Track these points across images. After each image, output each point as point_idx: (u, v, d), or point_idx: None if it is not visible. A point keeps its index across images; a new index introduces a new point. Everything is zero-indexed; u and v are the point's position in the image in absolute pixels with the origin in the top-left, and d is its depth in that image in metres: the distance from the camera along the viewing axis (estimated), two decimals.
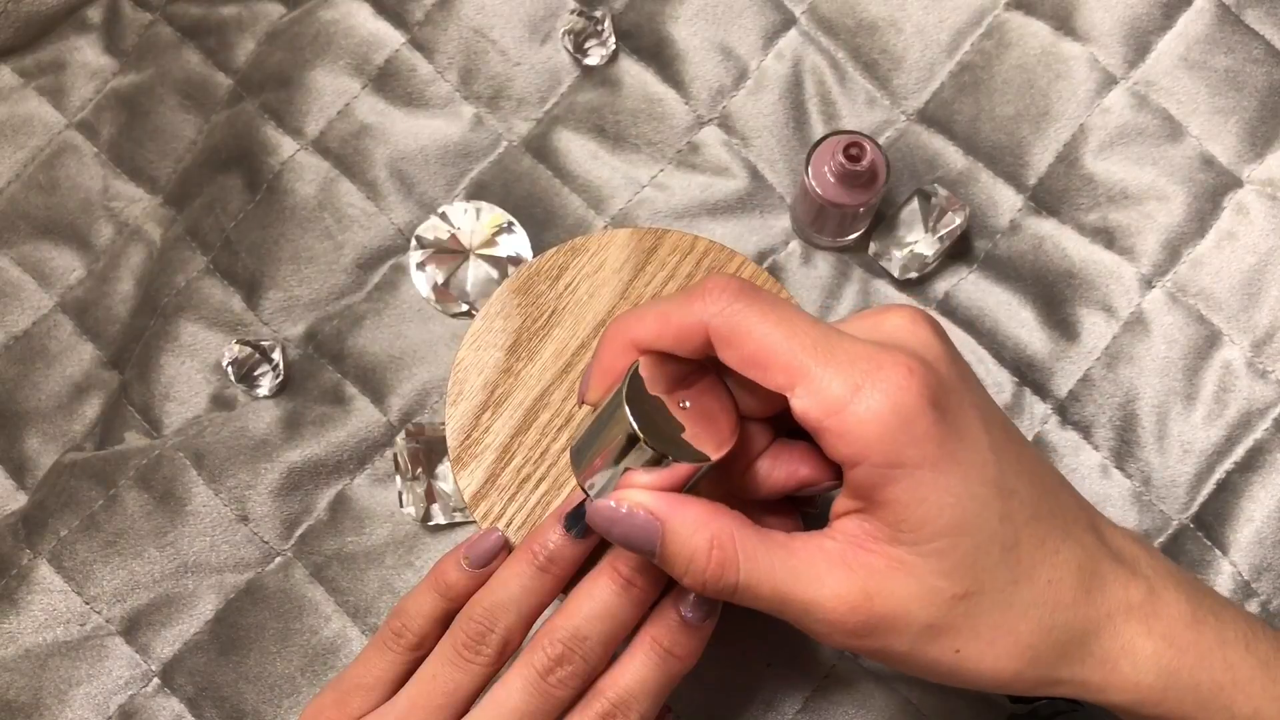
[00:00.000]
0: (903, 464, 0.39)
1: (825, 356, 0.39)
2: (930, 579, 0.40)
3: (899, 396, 0.39)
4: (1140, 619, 0.43)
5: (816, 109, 0.65)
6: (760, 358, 0.40)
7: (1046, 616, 0.41)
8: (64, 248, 0.69)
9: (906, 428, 0.39)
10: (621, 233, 0.53)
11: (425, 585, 0.49)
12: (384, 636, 0.49)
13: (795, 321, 0.40)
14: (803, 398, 0.40)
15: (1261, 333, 0.60)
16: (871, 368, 0.39)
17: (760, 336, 0.40)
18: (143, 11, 0.72)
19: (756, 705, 0.58)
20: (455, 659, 0.47)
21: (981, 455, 0.40)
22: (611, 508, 0.42)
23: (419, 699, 0.47)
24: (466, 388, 0.51)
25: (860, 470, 0.40)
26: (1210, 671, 0.42)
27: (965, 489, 0.40)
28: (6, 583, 0.60)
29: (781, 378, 0.40)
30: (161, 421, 0.63)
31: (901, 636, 0.41)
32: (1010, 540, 0.41)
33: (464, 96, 0.66)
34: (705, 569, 0.41)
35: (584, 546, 0.47)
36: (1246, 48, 0.63)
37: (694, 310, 0.41)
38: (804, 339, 0.40)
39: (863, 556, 0.41)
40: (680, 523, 0.42)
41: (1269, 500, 0.58)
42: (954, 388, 0.41)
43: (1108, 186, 0.62)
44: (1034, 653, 0.41)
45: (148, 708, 0.59)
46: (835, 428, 0.39)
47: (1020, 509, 0.41)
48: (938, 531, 0.40)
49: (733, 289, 0.41)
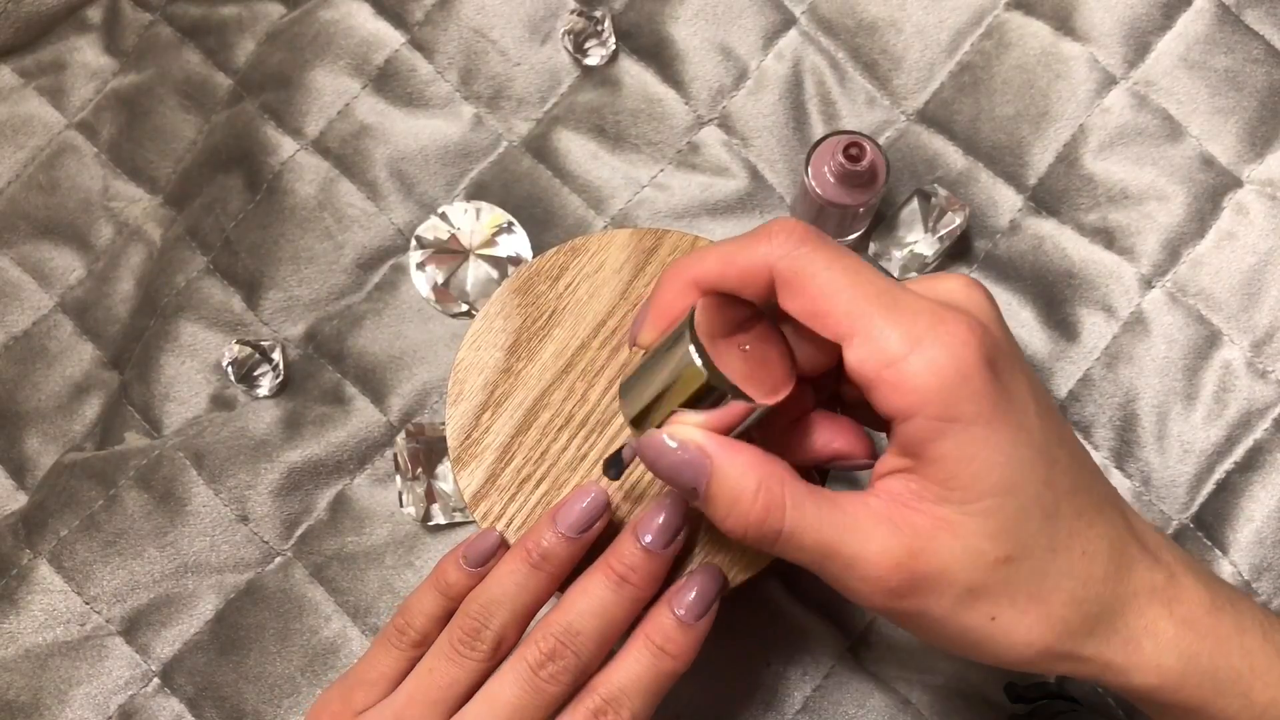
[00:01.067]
0: (958, 418, 0.39)
1: (888, 307, 0.39)
2: (975, 540, 0.40)
3: (959, 351, 0.39)
4: (1163, 602, 0.42)
5: (816, 109, 0.65)
6: (822, 304, 0.40)
7: (1079, 589, 0.41)
8: (64, 248, 0.69)
9: (965, 383, 0.39)
10: (621, 233, 0.53)
11: (427, 584, 0.50)
12: (389, 634, 0.49)
13: (860, 271, 0.40)
14: (861, 347, 0.39)
15: (1261, 333, 0.60)
16: (934, 321, 0.39)
17: (825, 282, 0.40)
18: (143, 11, 0.72)
19: (757, 705, 0.58)
20: (451, 654, 0.47)
21: (1030, 420, 0.40)
22: (663, 440, 0.42)
23: (416, 693, 0.47)
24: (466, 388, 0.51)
25: (913, 424, 0.39)
26: (1228, 658, 0.42)
27: (1014, 450, 0.40)
28: (6, 583, 0.60)
29: (843, 326, 0.40)
30: (161, 421, 0.63)
31: (941, 598, 0.40)
32: (1051, 508, 0.41)
33: (464, 96, 0.66)
34: (750, 511, 0.41)
35: (577, 545, 0.47)
36: (1246, 48, 0.63)
37: (759, 251, 0.41)
38: (868, 288, 0.39)
39: (908, 515, 0.40)
40: (730, 462, 0.41)
41: (1269, 500, 0.58)
42: (1007, 352, 0.41)
43: (1108, 186, 0.62)
44: (1064, 625, 0.41)
45: (148, 708, 0.59)
46: (892, 379, 0.39)
47: (1062, 478, 0.41)
48: (986, 490, 0.39)
49: (800, 232, 0.41)
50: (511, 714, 0.45)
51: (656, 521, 0.46)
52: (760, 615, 0.59)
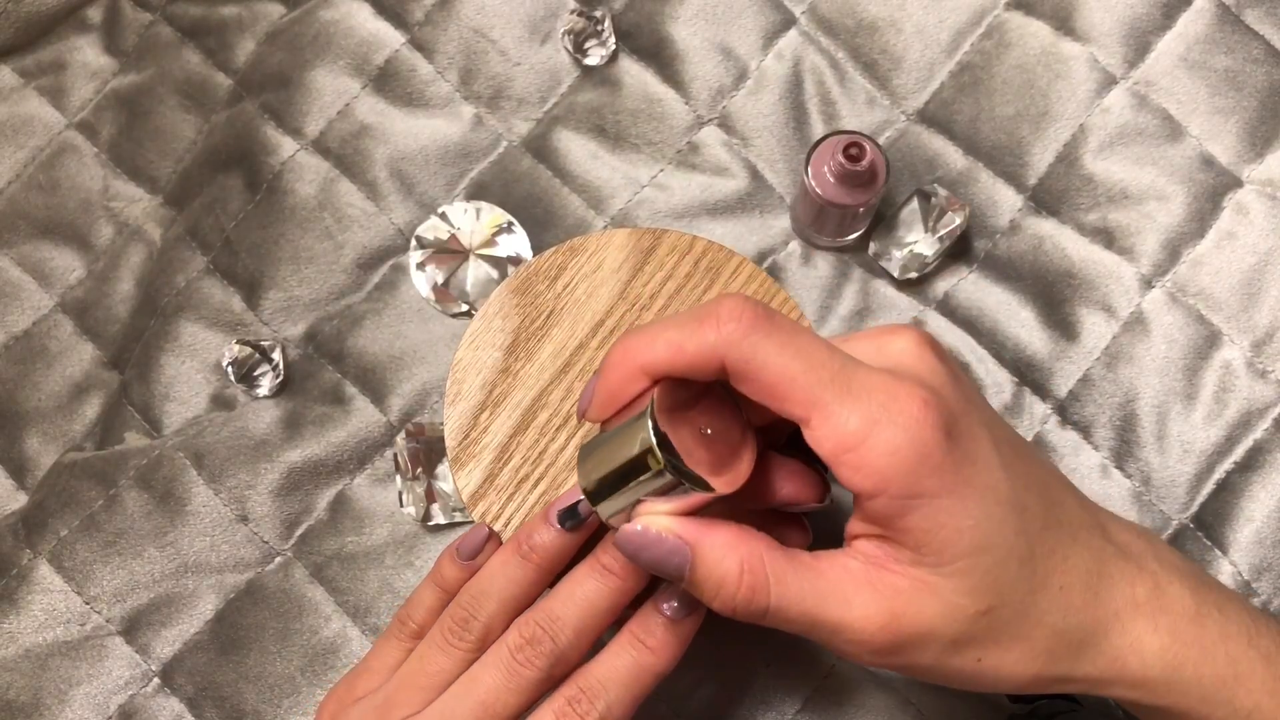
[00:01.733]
0: (921, 494, 0.40)
1: (842, 390, 0.40)
2: (953, 597, 0.41)
3: (915, 430, 0.39)
4: (1147, 615, 0.43)
5: (816, 109, 0.65)
6: (778, 390, 0.40)
7: (1059, 621, 0.42)
8: (64, 248, 0.69)
9: (924, 460, 0.39)
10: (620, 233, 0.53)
11: (427, 579, 0.51)
12: (392, 626, 0.52)
13: (813, 353, 0.40)
14: (819, 429, 0.40)
15: (1261, 333, 0.60)
16: (887, 399, 0.39)
17: (777, 370, 0.40)
18: (143, 11, 0.72)
19: (757, 705, 0.58)
20: (441, 644, 0.48)
21: (994, 476, 0.41)
22: (639, 532, 0.43)
23: (406, 678, 0.49)
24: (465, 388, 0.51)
25: (878, 502, 0.40)
26: (1214, 665, 0.43)
27: (982, 510, 0.40)
28: (6, 583, 0.60)
29: (799, 410, 0.40)
30: (161, 421, 0.63)
31: (927, 652, 0.42)
32: (1025, 553, 0.41)
33: (464, 96, 0.66)
34: (736, 594, 0.42)
35: (568, 539, 0.48)
36: (1246, 48, 0.63)
37: (708, 340, 0.41)
38: (821, 373, 0.40)
39: (886, 577, 0.41)
40: (710, 547, 0.42)
41: (1269, 500, 0.58)
42: (963, 413, 0.41)
43: (1108, 186, 0.62)
44: (1049, 655, 0.42)
45: (148, 708, 0.59)
46: (853, 462, 0.40)
47: (1032, 521, 0.42)
48: (959, 553, 0.40)
49: (749, 316, 0.41)
50: (487, 695, 0.46)
51: None
52: None
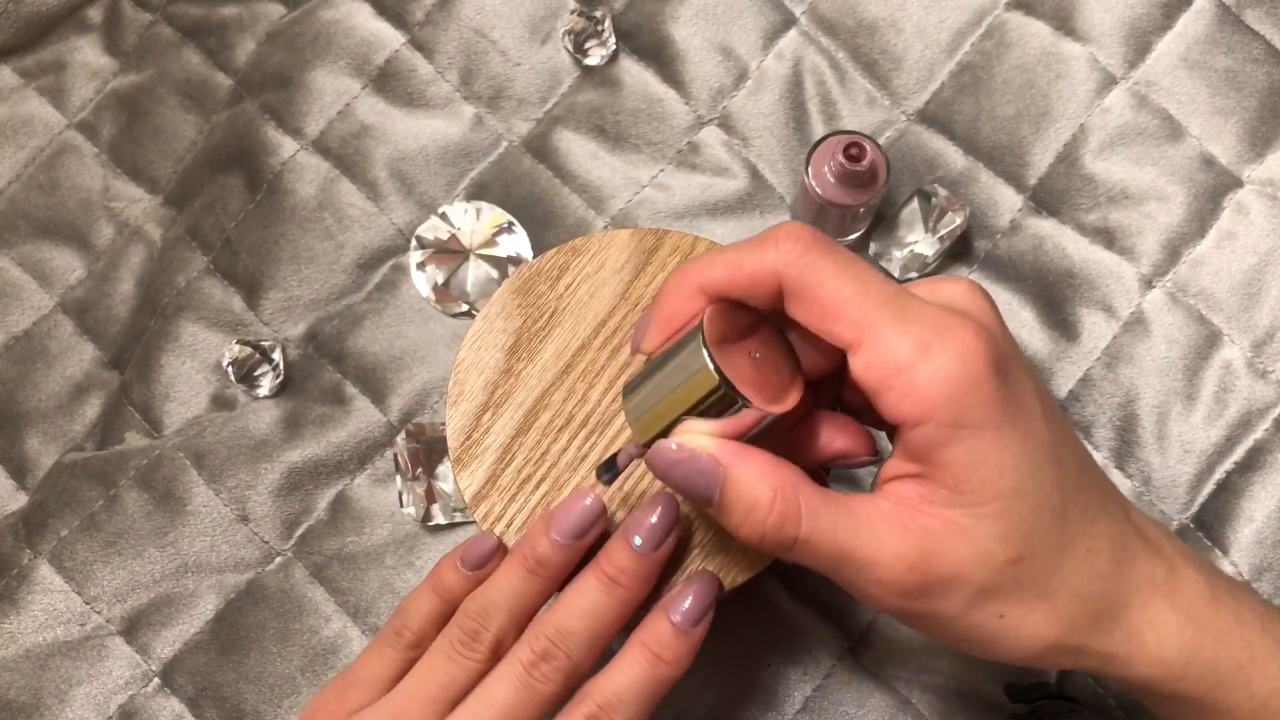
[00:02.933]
0: (967, 424, 0.39)
1: (896, 315, 0.39)
2: (985, 542, 0.40)
3: (968, 358, 0.39)
4: (1164, 595, 0.43)
5: (816, 109, 0.65)
6: (830, 312, 0.40)
7: (1084, 584, 0.42)
8: (64, 248, 0.69)
9: (974, 389, 0.39)
10: (622, 233, 0.53)
11: (424, 586, 0.50)
12: (385, 635, 0.50)
13: (868, 277, 0.40)
14: (870, 355, 0.39)
15: (1261, 333, 0.60)
16: (941, 328, 0.39)
17: (832, 290, 0.40)
18: (143, 12, 0.72)
19: (757, 705, 0.58)
20: (451, 654, 0.47)
21: (1037, 423, 0.41)
22: (673, 449, 0.42)
23: (415, 692, 0.47)
24: (467, 388, 0.51)
25: (922, 430, 0.39)
26: (1229, 648, 0.43)
27: (1023, 453, 0.40)
28: (7, 583, 0.60)
29: (851, 333, 0.40)
30: (162, 421, 0.63)
31: (953, 599, 0.41)
32: (1059, 508, 0.41)
33: (464, 96, 0.66)
34: (766, 519, 0.41)
35: (573, 550, 0.47)
36: (1246, 48, 0.63)
37: (766, 258, 0.41)
38: (875, 296, 0.40)
39: (919, 518, 0.40)
40: (744, 470, 0.41)
41: (1269, 500, 0.58)
42: (1012, 357, 0.41)
43: (1108, 186, 0.62)
44: (1070, 620, 0.42)
45: (148, 708, 0.59)
46: (902, 386, 0.39)
47: (1068, 478, 0.41)
48: (995, 494, 0.40)
49: (806, 238, 0.41)
50: (504, 712, 0.45)
51: (647, 524, 0.46)
52: (760, 615, 0.59)
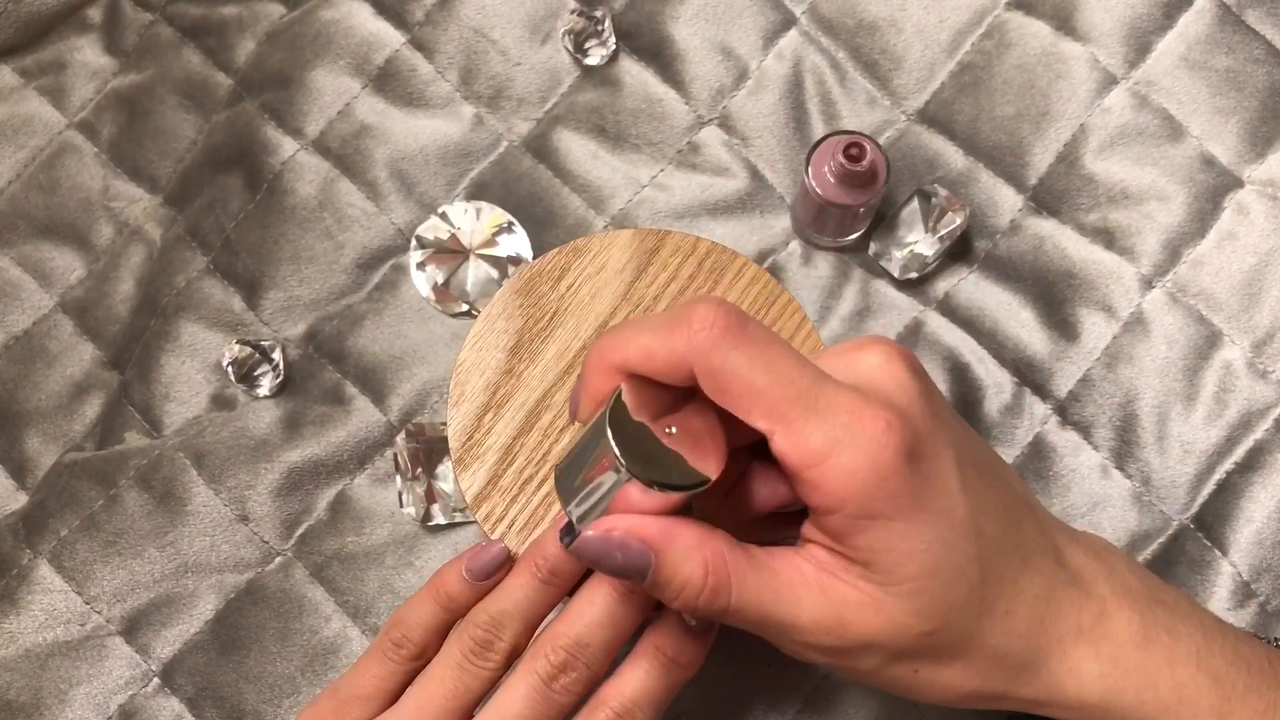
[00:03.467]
0: (876, 515, 0.40)
1: (808, 407, 0.40)
2: (900, 616, 0.41)
3: (876, 454, 0.39)
4: (1089, 641, 0.44)
5: (817, 109, 0.65)
6: (744, 401, 0.40)
7: (1001, 644, 0.43)
8: (64, 248, 0.68)
9: (881, 484, 0.40)
10: (623, 234, 0.53)
11: (425, 595, 0.49)
12: (383, 646, 0.49)
13: (781, 367, 0.40)
14: (782, 443, 0.40)
15: (1262, 333, 0.60)
16: (851, 420, 0.40)
17: (746, 380, 0.40)
18: (143, 11, 0.72)
19: (757, 705, 0.58)
20: (463, 663, 0.47)
21: (952, 500, 0.41)
22: (600, 539, 0.42)
23: (427, 703, 0.47)
24: (468, 389, 0.51)
25: (833, 519, 0.40)
26: (1155, 691, 0.44)
27: (936, 534, 0.41)
28: (7, 583, 0.60)
29: (763, 423, 0.40)
30: (162, 421, 0.63)
31: (868, 659, 0.42)
32: (976, 579, 0.42)
33: (464, 96, 0.66)
34: (699, 595, 0.42)
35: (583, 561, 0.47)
36: (1247, 48, 0.63)
37: (678, 345, 0.41)
38: (788, 388, 0.40)
39: (837, 585, 0.41)
40: (673, 550, 0.42)
41: (1269, 501, 0.58)
42: (928, 433, 0.41)
43: (1108, 186, 0.62)
44: (985, 675, 0.43)
45: (148, 708, 0.59)
46: (812, 479, 0.40)
47: (987, 546, 0.42)
48: (908, 575, 0.41)
49: (720, 324, 0.41)
50: None
51: None
52: None
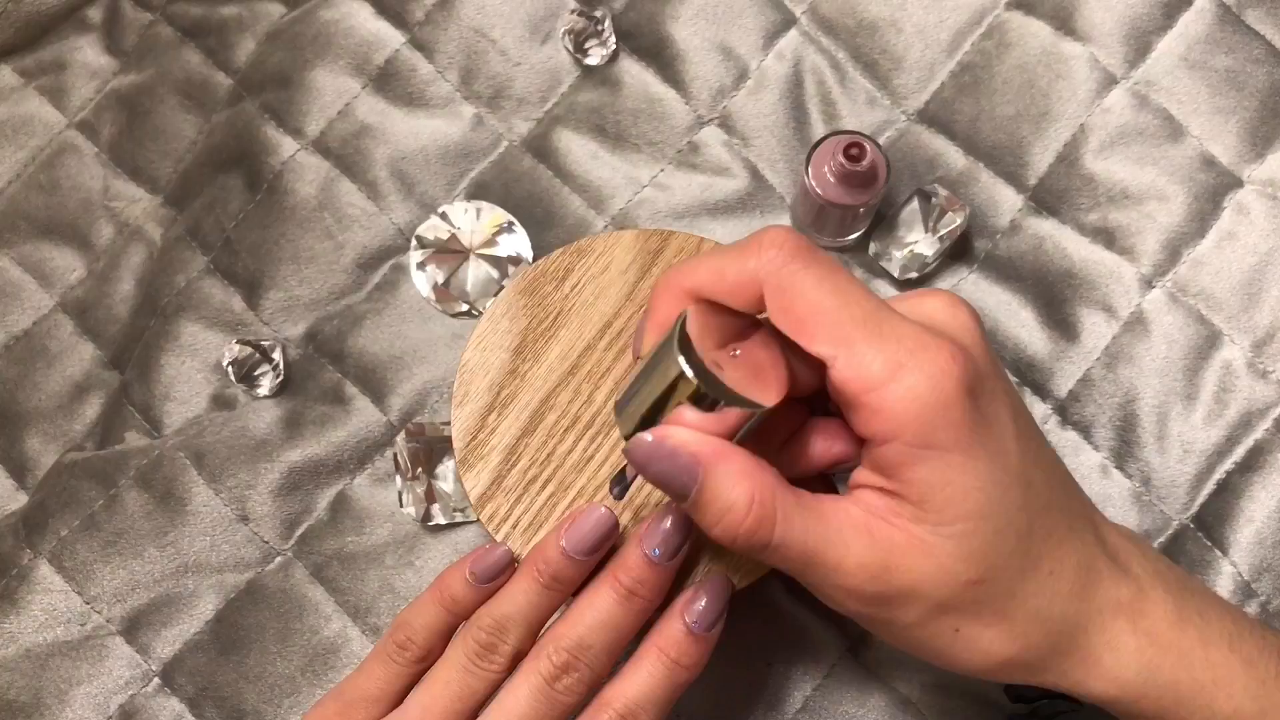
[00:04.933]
0: (934, 445, 0.39)
1: (873, 331, 0.39)
2: (948, 561, 0.40)
3: (939, 380, 0.39)
4: (1127, 616, 0.43)
5: (817, 109, 0.65)
6: (809, 322, 0.40)
7: (1044, 607, 0.42)
8: (64, 248, 0.68)
9: (943, 411, 0.39)
10: (627, 234, 0.53)
11: (429, 598, 0.50)
12: (387, 649, 0.49)
13: (849, 290, 0.40)
14: (844, 369, 0.40)
15: (1262, 333, 0.60)
16: (916, 348, 0.39)
17: (812, 301, 0.40)
18: (143, 11, 0.72)
19: (757, 704, 0.58)
20: (468, 666, 0.47)
21: (1007, 444, 0.41)
22: (650, 442, 0.41)
23: (432, 705, 0.47)
24: (472, 389, 0.51)
25: (890, 448, 0.40)
26: (1191, 670, 0.43)
27: (990, 476, 0.40)
28: (7, 583, 0.60)
29: (827, 346, 0.40)
30: (162, 421, 0.63)
31: (910, 610, 0.41)
32: (1024, 530, 0.41)
33: (464, 96, 0.66)
34: (741, 523, 0.41)
35: (585, 565, 0.47)
36: (1247, 48, 0.63)
37: (749, 265, 0.41)
38: (855, 310, 0.40)
39: (885, 529, 0.41)
40: (723, 471, 0.41)
41: (1269, 501, 0.58)
42: (988, 375, 0.41)
43: (1108, 186, 0.62)
44: (1026, 640, 0.42)
45: (148, 708, 0.59)
46: (872, 403, 0.39)
47: (1035, 499, 0.42)
48: (960, 515, 0.40)
49: (790, 245, 0.41)
50: None
51: (661, 532, 0.46)
52: (760, 615, 0.59)
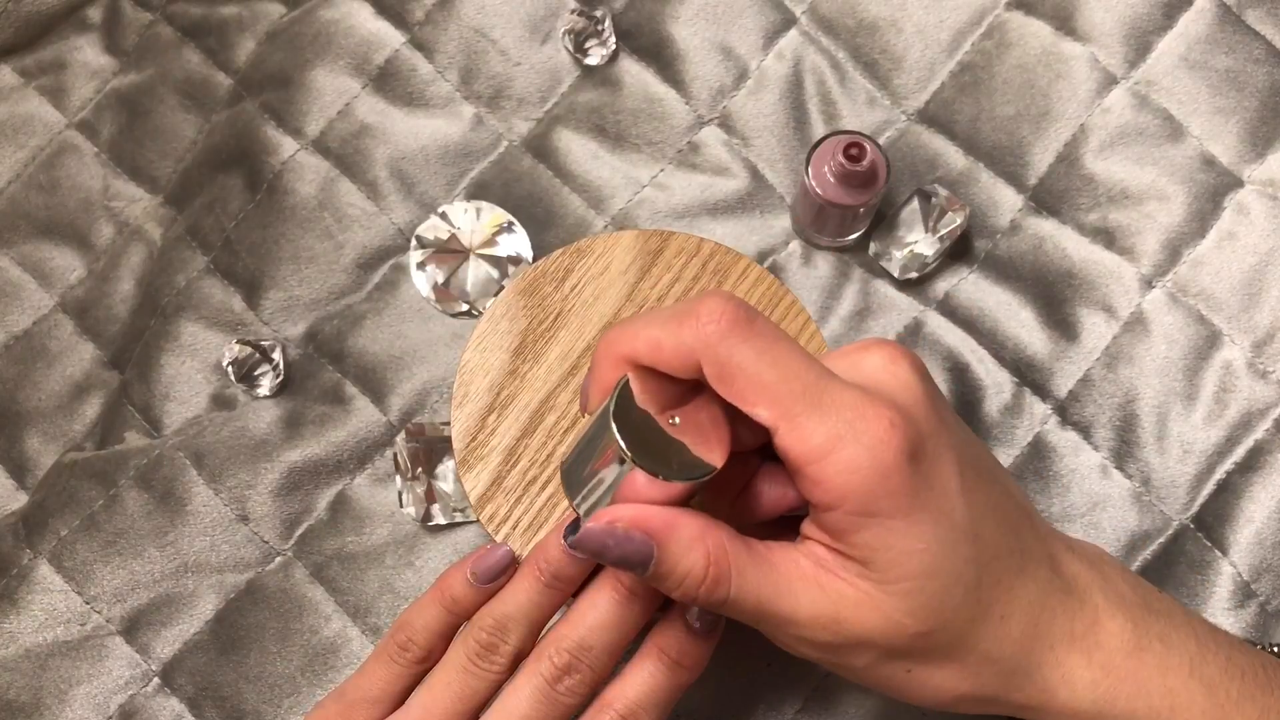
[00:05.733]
0: (876, 514, 0.40)
1: (813, 403, 0.40)
2: (895, 615, 0.41)
3: (878, 451, 0.40)
4: (1081, 649, 0.44)
5: (817, 109, 0.65)
6: (749, 395, 0.41)
7: (994, 649, 0.43)
8: (64, 248, 0.68)
9: (882, 481, 0.40)
10: (627, 235, 0.53)
11: (430, 599, 0.50)
12: (389, 649, 0.49)
13: (788, 362, 0.41)
14: (786, 438, 0.40)
15: (1262, 333, 0.60)
16: (854, 418, 0.40)
17: (752, 375, 0.41)
18: (143, 11, 0.72)
19: (757, 704, 0.58)
20: (469, 667, 0.47)
21: (952, 502, 0.42)
22: (603, 530, 0.42)
23: (433, 706, 0.47)
24: (472, 390, 0.51)
25: (833, 515, 0.41)
26: (1148, 699, 0.44)
27: (935, 535, 0.41)
28: (7, 583, 0.60)
29: (767, 416, 0.41)
30: (162, 421, 0.63)
31: (862, 656, 0.43)
32: (973, 582, 0.42)
33: (464, 96, 0.66)
34: (699, 586, 0.42)
35: (587, 564, 0.47)
36: (1247, 48, 0.63)
37: (686, 337, 0.41)
38: (794, 383, 0.40)
39: (834, 583, 0.42)
40: (675, 540, 0.42)
41: (1269, 501, 0.58)
42: (931, 434, 0.42)
43: (1108, 186, 0.62)
44: (978, 679, 0.43)
45: (148, 708, 0.59)
46: (814, 475, 0.40)
47: (985, 550, 0.43)
48: (904, 575, 0.41)
49: (728, 317, 0.41)
50: None
51: None
52: None
